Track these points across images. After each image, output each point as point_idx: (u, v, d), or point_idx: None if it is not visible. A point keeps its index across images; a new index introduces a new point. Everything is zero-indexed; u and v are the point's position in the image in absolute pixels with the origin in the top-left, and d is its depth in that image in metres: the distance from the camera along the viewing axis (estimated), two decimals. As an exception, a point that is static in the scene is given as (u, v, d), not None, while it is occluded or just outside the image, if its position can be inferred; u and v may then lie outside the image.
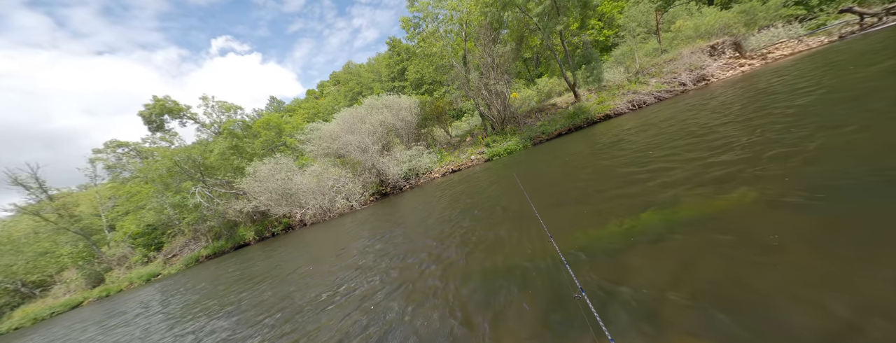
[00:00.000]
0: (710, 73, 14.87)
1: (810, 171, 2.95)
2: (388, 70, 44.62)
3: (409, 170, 16.84)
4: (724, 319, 1.74)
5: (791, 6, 18.14)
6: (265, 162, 18.48)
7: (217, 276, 10.69)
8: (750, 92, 8.14)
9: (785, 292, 1.77)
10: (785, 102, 5.69)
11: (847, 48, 10.25)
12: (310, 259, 7.63)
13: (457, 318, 2.73)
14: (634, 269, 2.49)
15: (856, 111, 4.03)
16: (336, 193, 16.91)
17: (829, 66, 7.91)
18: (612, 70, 17.80)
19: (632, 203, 3.67)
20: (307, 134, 20.43)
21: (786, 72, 9.36)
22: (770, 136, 4.17)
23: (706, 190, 3.37)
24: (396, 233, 6.92)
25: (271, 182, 17.52)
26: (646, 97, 14.60)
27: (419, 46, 18.98)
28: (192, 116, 25.18)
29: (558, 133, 15.20)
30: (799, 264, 1.94)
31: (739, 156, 3.88)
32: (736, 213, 2.71)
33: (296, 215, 17.84)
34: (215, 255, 19.48)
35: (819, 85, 6.17)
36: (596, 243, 3.07)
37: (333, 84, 58.14)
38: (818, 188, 2.62)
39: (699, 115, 7.28)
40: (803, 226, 2.26)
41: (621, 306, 2.11)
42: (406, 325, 2.92)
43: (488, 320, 2.53)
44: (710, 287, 2.02)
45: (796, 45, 15.07)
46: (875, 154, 2.85)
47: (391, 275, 4.35)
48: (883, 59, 6.61)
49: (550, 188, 5.95)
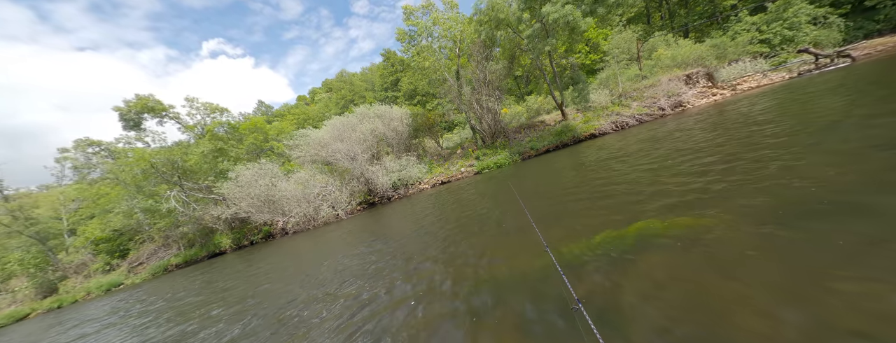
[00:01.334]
0: (686, 100, 15.92)
1: (772, 193, 3.20)
2: (382, 80, 45.09)
3: (398, 180, 16.76)
4: (694, 331, 1.82)
5: (756, 44, 19.95)
6: (249, 167, 17.95)
7: (183, 288, 10.02)
8: (721, 120, 8.77)
9: (746, 304, 1.89)
10: (751, 131, 6.18)
11: (804, 84, 11.31)
12: (277, 279, 7.32)
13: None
14: (620, 282, 2.57)
15: (812, 142, 4.43)
16: (322, 201, 16.52)
17: (789, 100, 8.68)
18: (597, 92, 18.75)
19: (614, 218, 3.83)
20: (295, 140, 20.11)
21: (752, 103, 10.19)
22: (737, 162, 4.50)
23: (678, 208, 3.60)
24: (380, 247, 6.80)
25: (254, 188, 16.96)
26: (628, 119, 15.38)
27: (414, 59, 19.45)
28: (174, 116, 24.36)
29: (546, 149, 15.66)
30: (764, 277, 2.08)
31: (710, 178, 4.15)
32: (705, 230, 2.88)
33: (278, 223, 17.22)
34: (187, 264, 18.34)
35: (782, 115, 6.76)
36: (580, 257, 3.15)
37: (325, 91, 58.00)
38: (779, 210, 2.84)
39: (677, 139, 7.76)
40: (771, 241, 2.43)
41: (614, 318, 2.17)
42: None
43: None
44: (686, 301, 2.12)
45: (761, 78, 16.46)
46: (828, 180, 3.13)
47: (363, 297, 4.26)
48: (834, 96, 7.35)
49: (539, 202, 6.08)
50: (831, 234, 2.39)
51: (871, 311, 1.68)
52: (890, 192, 2.68)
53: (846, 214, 2.57)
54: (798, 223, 2.66)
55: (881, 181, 2.91)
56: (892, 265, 1.92)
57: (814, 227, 2.54)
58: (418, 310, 3.29)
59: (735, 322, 1.88)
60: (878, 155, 3.43)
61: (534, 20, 15.38)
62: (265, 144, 26.56)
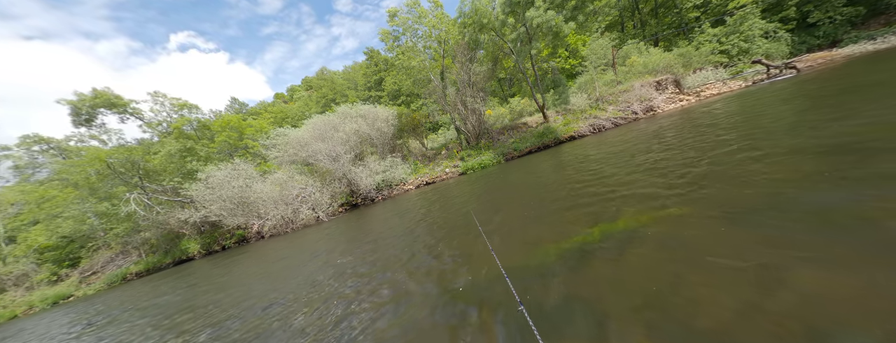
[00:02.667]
0: (657, 105, 16.94)
1: (730, 190, 3.47)
2: (365, 79, 44.29)
3: (382, 181, 16.49)
4: (661, 323, 1.93)
5: (717, 54, 21.64)
6: (221, 167, 16.93)
7: (141, 298, 9.24)
8: (687, 123, 9.41)
9: (710, 296, 2.03)
10: (713, 133, 6.69)
11: (757, 92, 12.41)
12: (240, 294, 6.97)
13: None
14: (586, 279, 2.67)
15: (765, 144, 4.86)
16: (301, 203, 15.90)
17: (746, 107, 9.48)
18: (576, 96, 19.50)
19: (587, 218, 3.99)
20: (273, 139, 19.26)
21: (714, 108, 11.02)
22: (700, 162, 4.85)
23: (645, 206, 3.83)
24: (361, 252, 6.65)
25: (226, 190, 16.01)
26: (604, 122, 16.12)
27: (398, 59, 19.29)
28: (135, 112, 22.55)
29: (529, 150, 16.04)
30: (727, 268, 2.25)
31: (675, 177, 4.44)
32: (668, 225, 3.07)
33: (252, 227, 16.36)
34: (149, 272, 16.96)
35: (739, 121, 7.37)
36: (558, 256, 3.25)
37: (305, 89, 56.06)
38: (734, 205, 3.08)
39: (648, 141, 8.23)
40: (728, 236, 2.63)
41: (564, 316, 2.24)
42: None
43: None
44: (647, 295, 2.24)
45: (722, 86, 17.86)
46: (777, 182, 3.44)
47: (335, 312, 4.14)
48: (782, 104, 8.12)
49: (520, 203, 6.20)
50: (777, 225, 2.61)
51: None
52: (815, 188, 2.99)
53: (781, 209, 2.82)
54: (748, 218, 2.88)
55: (812, 180, 3.25)
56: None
57: (763, 222, 2.77)
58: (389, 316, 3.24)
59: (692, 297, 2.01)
60: (814, 157, 3.83)
61: (518, 24, 15.76)
62: (239, 143, 25.20)
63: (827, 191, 2.98)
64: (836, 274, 1.98)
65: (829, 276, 1.98)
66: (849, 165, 3.36)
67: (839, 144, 3.98)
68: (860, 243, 2.16)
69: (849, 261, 2.04)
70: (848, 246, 2.18)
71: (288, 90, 62.76)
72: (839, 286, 1.89)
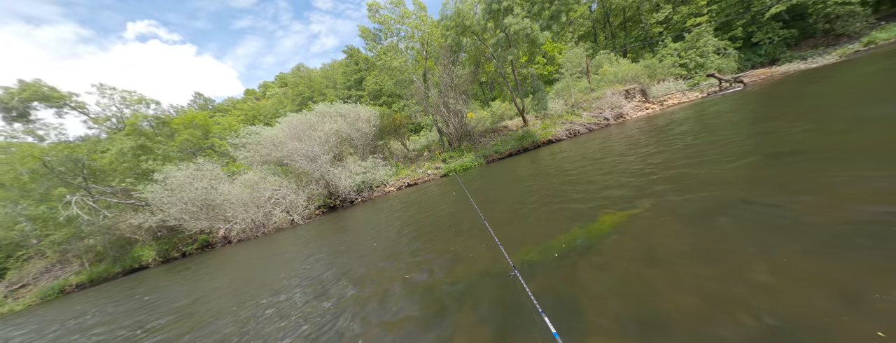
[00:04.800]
0: (626, 112, 18.10)
1: (688, 190, 3.80)
2: (345, 78, 43.05)
3: (362, 182, 16.07)
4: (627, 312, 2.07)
5: (677, 67, 23.60)
6: (182, 167, 15.62)
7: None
8: (652, 129, 10.17)
9: (669, 281, 2.20)
10: (675, 140, 7.28)
11: (711, 103, 13.70)
12: (183, 316, 6.50)
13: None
14: (567, 275, 2.80)
15: (715, 150, 5.38)
16: (274, 206, 15.07)
17: (701, 115, 10.41)
18: (554, 101, 20.32)
19: (565, 218, 4.17)
20: (243, 138, 18.10)
21: (675, 116, 12.00)
22: (661, 164, 5.27)
23: (616, 205, 4.12)
24: (334, 259, 6.44)
25: (188, 191, 14.79)
26: (579, 127, 16.94)
27: (379, 58, 18.97)
28: (78, 106, 20.22)
29: (509, 153, 16.43)
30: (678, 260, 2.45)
31: (640, 179, 4.79)
32: (636, 223, 3.30)
33: (218, 231, 15.23)
34: (93, 283, 15.18)
35: (695, 128, 8.09)
36: (540, 255, 3.36)
37: (280, 86, 53.35)
38: (691, 205, 3.38)
39: (617, 146, 8.77)
40: (683, 230, 2.88)
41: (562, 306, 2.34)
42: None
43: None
44: (620, 287, 2.39)
45: (681, 96, 19.47)
46: (724, 182, 3.83)
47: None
48: (731, 114, 9.04)
49: (501, 203, 6.34)
50: (730, 222, 2.90)
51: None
52: (757, 189, 3.36)
53: (730, 207, 3.15)
54: (707, 218, 3.17)
55: (758, 182, 3.65)
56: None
57: (719, 219, 3.06)
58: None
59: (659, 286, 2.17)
60: (755, 161, 4.31)
61: (498, 30, 16.14)
62: (204, 142, 23.39)
63: (761, 192, 3.36)
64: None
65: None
66: (778, 170, 3.81)
67: (776, 152, 4.49)
68: (792, 241, 2.45)
69: (789, 255, 2.31)
70: (782, 242, 2.45)
71: (260, 87, 59.45)
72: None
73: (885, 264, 1.94)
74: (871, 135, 4.11)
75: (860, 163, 3.41)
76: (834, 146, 4.09)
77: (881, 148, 3.60)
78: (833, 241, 2.28)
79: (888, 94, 5.90)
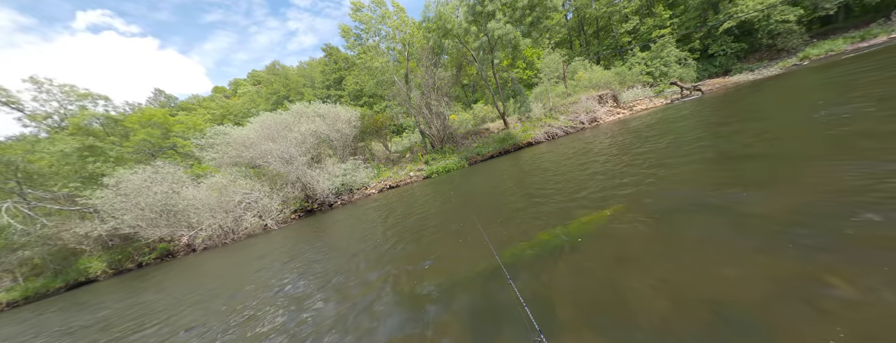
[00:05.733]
0: (599, 117, 19.04)
1: (656, 191, 4.07)
2: (323, 77, 41.61)
3: (342, 184, 15.56)
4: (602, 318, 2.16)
5: (644, 75, 25.26)
6: (138, 170, 14.28)
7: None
8: (623, 133, 10.78)
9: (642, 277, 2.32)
10: (642, 142, 7.77)
11: (673, 109, 14.80)
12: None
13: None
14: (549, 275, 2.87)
15: (677, 153, 5.81)
16: (245, 211, 14.17)
17: (666, 120, 11.21)
18: (533, 105, 20.94)
19: (546, 218, 4.30)
20: (210, 138, 16.91)
21: (643, 121, 12.82)
22: (630, 166, 5.61)
23: (590, 206, 4.32)
24: (309, 268, 6.18)
25: (145, 196, 13.53)
26: (557, 130, 17.57)
27: (360, 58, 18.56)
28: (11, 102, 17.90)
29: (491, 155, 16.67)
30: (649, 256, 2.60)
31: (612, 180, 5.07)
32: (609, 223, 3.47)
33: (180, 238, 14.07)
34: (28, 300, 13.39)
35: (660, 132, 8.69)
36: (524, 255, 3.42)
37: (253, 84, 50.50)
38: (662, 203, 3.61)
39: (593, 149, 9.21)
40: (651, 229, 3.06)
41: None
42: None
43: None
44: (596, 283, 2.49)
45: (649, 102, 20.85)
46: (687, 181, 4.14)
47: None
48: (690, 119, 9.82)
49: (485, 205, 6.40)
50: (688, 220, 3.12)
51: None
52: (710, 190, 3.67)
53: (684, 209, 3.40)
54: (670, 215, 3.40)
55: (715, 181, 3.99)
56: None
57: (676, 217, 3.29)
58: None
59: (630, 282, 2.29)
60: (712, 161, 4.71)
61: (480, 34, 16.38)
62: (164, 142, 21.57)
63: (717, 191, 3.66)
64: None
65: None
66: (732, 170, 4.18)
67: (731, 154, 4.93)
68: (745, 237, 2.67)
69: (743, 250, 2.51)
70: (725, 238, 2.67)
71: (230, 84, 55.98)
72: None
73: (826, 259, 2.14)
74: (810, 137, 4.62)
75: (802, 162, 3.81)
76: (779, 147, 4.54)
77: (818, 148, 4.04)
78: (780, 236, 2.51)
79: (820, 102, 6.69)
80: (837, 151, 3.77)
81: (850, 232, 2.30)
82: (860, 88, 6.93)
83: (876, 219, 2.36)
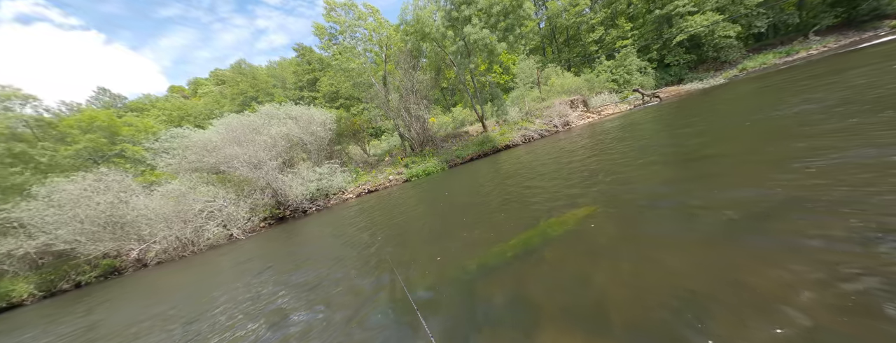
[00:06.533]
0: (571, 121, 20.02)
1: (626, 189, 4.33)
2: (296, 78, 39.75)
3: (317, 190, 14.86)
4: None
5: (610, 82, 27.04)
6: (76, 178, 12.65)
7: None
8: (593, 136, 11.42)
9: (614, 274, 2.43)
10: (610, 144, 8.28)
11: (636, 114, 15.97)
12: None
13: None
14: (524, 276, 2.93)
15: (638, 155, 6.26)
16: (207, 220, 13.02)
17: (629, 125, 12.05)
18: (510, 109, 21.54)
19: (524, 219, 4.40)
20: (165, 142, 15.43)
21: (610, 125, 13.68)
22: (600, 168, 5.95)
23: (565, 206, 4.48)
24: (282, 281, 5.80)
25: (86, 207, 12.00)
26: (533, 133, 18.19)
27: (335, 59, 18.01)
28: None
29: (471, 158, 16.84)
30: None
31: (584, 181, 5.36)
32: (584, 223, 3.62)
33: (130, 253, 12.59)
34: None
35: (625, 136, 9.32)
36: (493, 259, 3.46)
37: (216, 84, 46.97)
38: (630, 202, 3.84)
39: (566, 151, 9.64)
40: (620, 227, 3.24)
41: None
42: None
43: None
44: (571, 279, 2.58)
45: (615, 108, 22.31)
46: (650, 180, 4.46)
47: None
48: (651, 123, 10.65)
49: (466, 206, 6.40)
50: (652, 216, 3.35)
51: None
52: (668, 189, 3.99)
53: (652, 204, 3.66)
54: (639, 213, 3.62)
55: (671, 180, 4.33)
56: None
57: (647, 213, 3.52)
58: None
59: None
60: (670, 162, 5.12)
61: (457, 38, 16.61)
62: (111, 148, 19.33)
63: (673, 188, 3.97)
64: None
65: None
66: (687, 169, 4.56)
67: (685, 154, 5.38)
68: (695, 230, 2.90)
69: (692, 243, 2.71)
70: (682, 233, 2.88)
71: (190, 83, 51.72)
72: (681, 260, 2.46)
73: (763, 252, 2.31)
74: (752, 137, 5.17)
75: (745, 160, 4.23)
76: (726, 148, 5.03)
77: (758, 148, 4.52)
78: (725, 230, 2.73)
79: (758, 107, 7.58)
80: (772, 151, 4.23)
81: (779, 225, 2.54)
82: (788, 96, 7.91)
83: (794, 215, 2.62)
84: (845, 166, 3.11)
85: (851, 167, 3.05)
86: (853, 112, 4.68)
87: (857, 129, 3.98)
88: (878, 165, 2.93)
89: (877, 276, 1.78)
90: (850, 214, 2.37)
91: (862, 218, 2.28)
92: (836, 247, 2.11)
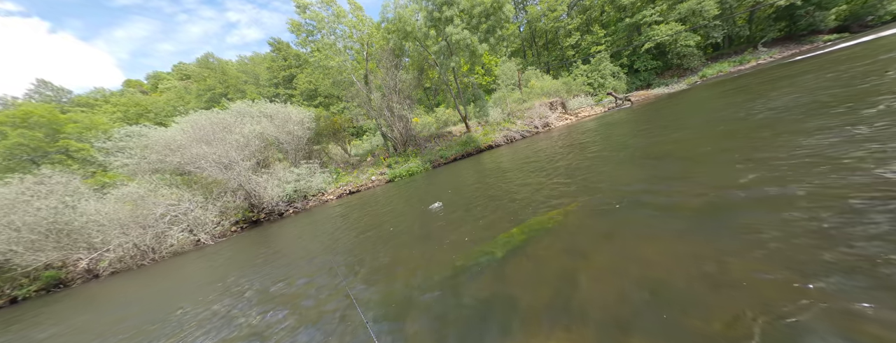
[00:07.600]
0: (551, 122, 20.68)
1: (604, 188, 4.53)
2: (270, 74, 37.79)
3: (294, 191, 14.20)
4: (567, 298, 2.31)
5: (586, 85, 28.28)
6: (9, 181, 11.22)
7: None
8: (571, 136, 11.86)
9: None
10: (587, 145, 8.65)
11: (610, 116, 16.83)
12: None
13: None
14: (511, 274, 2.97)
15: (613, 154, 6.59)
16: (170, 225, 12.02)
17: (605, 126, 12.66)
18: (493, 110, 21.86)
19: (507, 218, 4.48)
20: (119, 141, 14.08)
21: (587, 126, 14.29)
22: (579, 167, 6.20)
23: (547, 204, 4.62)
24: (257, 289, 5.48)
25: (23, 213, 10.66)
26: (515, 134, 18.58)
27: (313, 56, 17.32)
28: None
29: (454, 158, 16.87)
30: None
31: (566, 179, 5.56)
32: (561, 219, 3.75)
33: (78, 263, 11.34)
34: None
35: (599, 137, 9.78)
36: (480, 257, 3.48)
37: (180, 78, 43.60)
38: (607, 201, 4.02)
39: (547, 151, 9.93)
40: (597, 223, 3.38)
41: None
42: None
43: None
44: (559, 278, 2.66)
45: (591, 110, 23.35)
46: (629, 180, 4.70)
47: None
48: (624, 125, 11.26)
49: (452, 206, 6.39)
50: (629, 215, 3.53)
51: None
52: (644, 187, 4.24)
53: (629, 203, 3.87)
54: (615, 210, 3.80)
55: (644, 178, 4.60)
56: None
57: (622, 211, 3.70)
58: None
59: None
60: (641, 161, 5.44)
61: (439, 38, 16.60)
62: (51, 145, 17.31)
63: (646, 186, 4.22)
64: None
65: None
66: (657, 168, 4.86)
67: (656, 154, 5.73)
68: (669, 225, 3.09)
69: (667, 237, 2.88)
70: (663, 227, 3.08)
71: (149, 77, 47.68)
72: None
73: (727, 245, 2.49)
74: (715, 137, 5.60)
75: (711, 158, 4.57)
76: (693, 148, 5.42)
77: (723, 146, 4.90)
78: (696, 224, 2.92)
79: (718, 109, 8.26)
80: (729, 151, 4.60)
81: (745, 221, 2.74)
82: (739, 101, 8.67)
83: (757, 216, 2.87)
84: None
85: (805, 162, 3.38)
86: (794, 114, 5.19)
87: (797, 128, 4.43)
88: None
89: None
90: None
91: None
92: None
